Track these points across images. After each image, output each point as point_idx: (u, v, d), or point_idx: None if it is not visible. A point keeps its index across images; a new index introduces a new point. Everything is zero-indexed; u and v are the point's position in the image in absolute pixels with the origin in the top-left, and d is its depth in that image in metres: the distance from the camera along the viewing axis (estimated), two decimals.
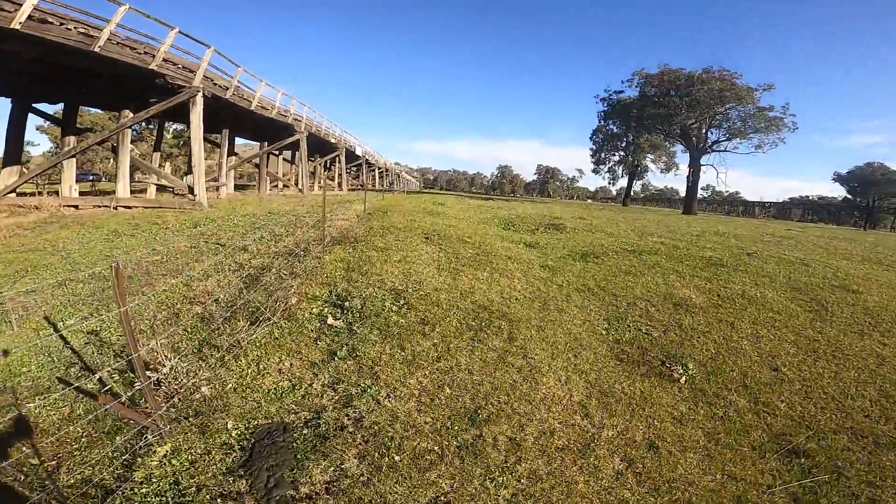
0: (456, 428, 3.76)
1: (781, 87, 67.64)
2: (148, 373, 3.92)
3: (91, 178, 59.53)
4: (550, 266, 7.63)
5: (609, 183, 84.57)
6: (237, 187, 36.05)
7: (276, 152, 36.86)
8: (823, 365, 5.59)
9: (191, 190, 16.97)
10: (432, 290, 5.85)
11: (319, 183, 44.40)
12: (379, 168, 68.57)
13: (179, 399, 4.10)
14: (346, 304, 5.42)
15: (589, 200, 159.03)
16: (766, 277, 8.40)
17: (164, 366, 4.12)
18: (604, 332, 5.70)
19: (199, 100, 16.35)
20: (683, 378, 5.02)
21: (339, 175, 41.49)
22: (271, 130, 27.66)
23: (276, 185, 34.49)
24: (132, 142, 56.57)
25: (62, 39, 12.27)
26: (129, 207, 16.59)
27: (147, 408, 3.71)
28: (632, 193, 79.10)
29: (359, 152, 48.17)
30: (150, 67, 14.48)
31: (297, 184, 33.40)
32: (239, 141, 37.28)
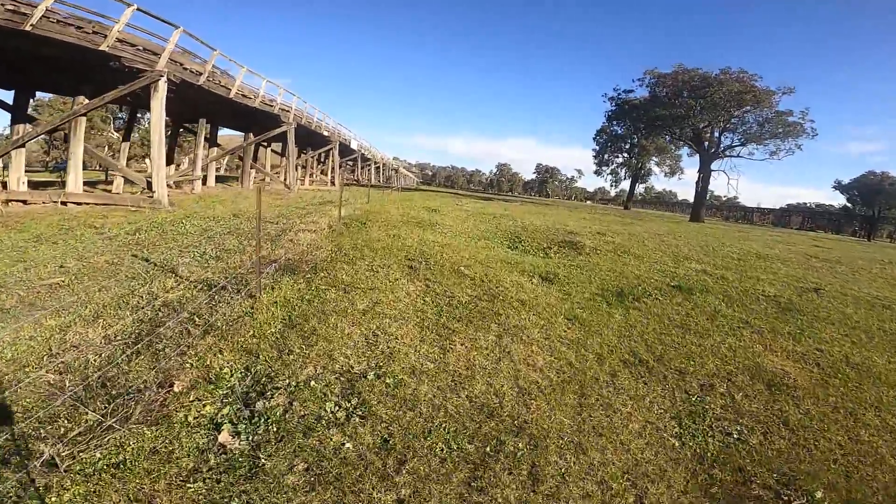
0: None
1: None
2: None
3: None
4: (580, 318, 5.48)
5: (611, 185, 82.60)
6: (223, 179, 33.75)
7: (265, 144, 34.61)
8: None
9: (149, 185, 14.78)
10: (408, 375, 3.70)
11: (311, 177, 42.10)
12: (376, 163, 66.27)
13: None
14: (262, 401, 3.26)
15: (588, 202, 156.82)
16: (860, 331, 6.31)
17: None
18: (676, 444, 3.60)
19: (162, 85, 14.14)
20: None
21: (333, 170, 39.19)
22: (256, 121, 25.41)
23: (264, 179, 32.17)
24: (117, 130, 53.91)
25: None
26: (80, 204, 14.41)
27: None
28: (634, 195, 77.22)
29: (354, 146, 45.94)
30: (101, 49, 12.30)
31: (285, 179, 31.09)
32: (235, 133, 35.04)
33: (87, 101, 14.85)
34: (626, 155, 72.77)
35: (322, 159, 43.50)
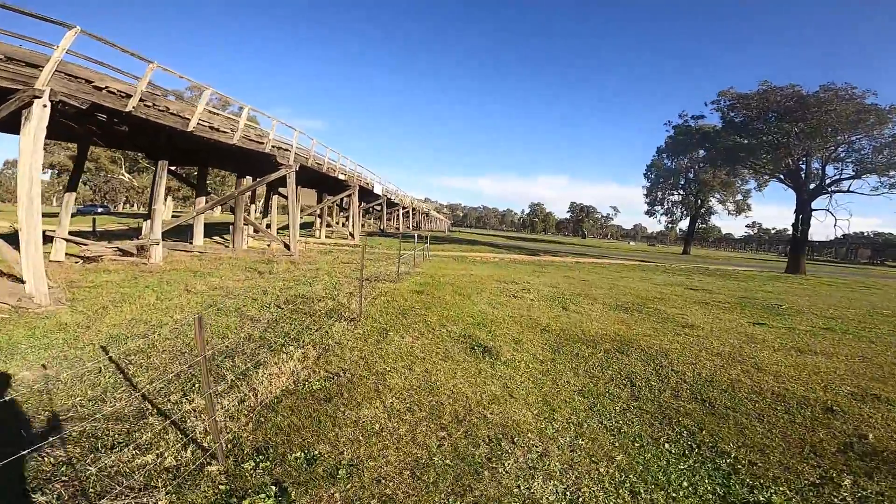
0: None
1: None
2: None
3: (100, 210, 53.63)
4: None
5: (666, 227, 74.77)
6: (216, 231, 28.49)
7: (276, 191, 29.53)
8: None
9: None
10: None
11: (328, 227, 36.71)
12: (404, 207, 61.06)
13: None
14: None
15: (631, 242, 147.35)
16: None
17: None
18: None
19: (39, 112, 8.63)
20: None
21: (352, 219, 33.64)
22: (249, 163, 20.11)
23: (266, 237, 26.60)
24: (129, 172, 49.66)
25: None
26: None
27: None
28: (674, 233, 68.57)
29: (378, 190, 40.64)
30: None
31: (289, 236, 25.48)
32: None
33: None
34: (681, 192, 65.07)
35: (345, 205, 38.16)
